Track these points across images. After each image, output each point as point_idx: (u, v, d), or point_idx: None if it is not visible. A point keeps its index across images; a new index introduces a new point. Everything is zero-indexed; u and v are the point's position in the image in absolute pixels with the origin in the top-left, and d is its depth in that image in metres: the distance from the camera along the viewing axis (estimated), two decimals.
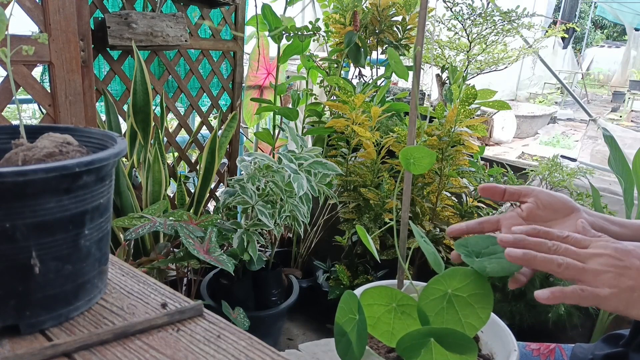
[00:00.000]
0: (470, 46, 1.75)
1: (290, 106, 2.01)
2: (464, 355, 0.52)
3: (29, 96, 1.33)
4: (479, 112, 1.54)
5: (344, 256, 1.90)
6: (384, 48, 2.03)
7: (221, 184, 2.17)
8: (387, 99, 1.90)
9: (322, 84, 2.08)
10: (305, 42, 1.85)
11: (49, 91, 1.33)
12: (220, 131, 1.89)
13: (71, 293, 0.53)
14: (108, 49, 1.60)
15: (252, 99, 2.23)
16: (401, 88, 2.52)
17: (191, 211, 1.75)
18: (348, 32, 1.88)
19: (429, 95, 2.82)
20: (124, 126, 1.66)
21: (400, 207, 0.74)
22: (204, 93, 1.98)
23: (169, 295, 0.59)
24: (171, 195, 1.88)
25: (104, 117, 1.62)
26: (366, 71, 2.13)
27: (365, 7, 1.93)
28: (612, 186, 1.77)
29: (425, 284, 0.56)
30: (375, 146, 1.70)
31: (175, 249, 1.51)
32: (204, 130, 1.99)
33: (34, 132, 0.57)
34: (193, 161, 2.04)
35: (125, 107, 1.66)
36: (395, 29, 1.98)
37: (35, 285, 0.49)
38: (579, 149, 4.29)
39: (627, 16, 10.92)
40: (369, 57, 2.01)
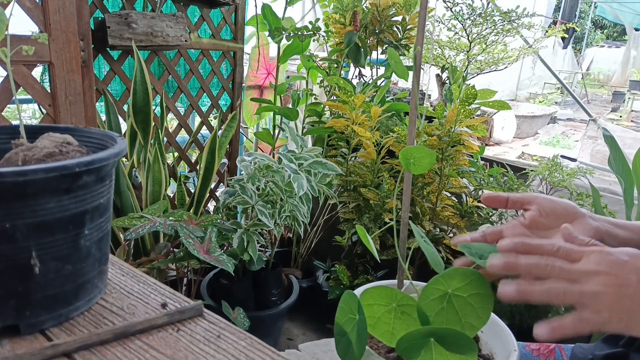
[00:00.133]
0: (470, 46, 1.75)
1: (290, 106, 2.01)
2: (464, 355, 0.52)
3: (29, 96, 1.33)
4: (479, 112, 1.55)
5: (344, 256, 1.90)
6: (384, 48, 2.03)
7: (221, 184, 2.17)
8: (387, 99, 1.90)
9: (322, 84, 2.08)
10: (305, 42, 1.85)
11: (49, 91, 1.33)
12: (220, 131, 1.89)
13: (71, 293, 0.53)
14: (108, 49, 1.60)
15: (252, 99, 2.23)
16: (401, 88, 2.52)
17: (191, 211, 1.75)
18: (348, 32, 1.88)
19: (429, 95, 2.82)
20: (124, 126, 1.66)
21: (400, 207, 0.74)
22: (204, 93, 1.98)
23: (169, 295, 0.59)
24: (171, 195, 1.88)
25: (104, 117, 1.62)
26: (366, 71, 2.13)
27: (365, 7, 1.93)
28: (612, 186, 1.77)
29: (425, 284, 0.56)
30: (375, 146, 1.70)
31: (175, 249, 1.51)
32: (204, 130, 1.99)
33: (34, 132, 0.57)
34: (193, 161, 2.04)
35: (125, 107, 1.66)
36: (395, 29, 1.98)
37: (35, 285, 0.49)
38: (579, 149, 4.29)
39: (627, 16, 10.93)
40: (369, 57, 2.01)
